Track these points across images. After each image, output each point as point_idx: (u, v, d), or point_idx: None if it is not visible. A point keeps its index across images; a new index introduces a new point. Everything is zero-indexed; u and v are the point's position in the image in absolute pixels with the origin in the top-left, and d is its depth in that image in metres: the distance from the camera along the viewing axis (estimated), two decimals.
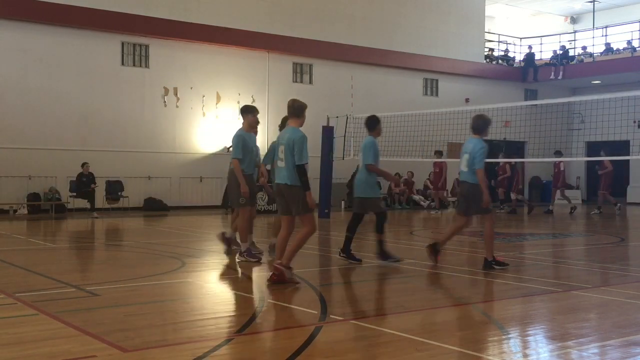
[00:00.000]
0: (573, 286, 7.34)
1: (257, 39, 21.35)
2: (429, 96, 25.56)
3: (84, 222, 15.98)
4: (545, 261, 9.54)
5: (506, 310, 6.15)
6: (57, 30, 18.67)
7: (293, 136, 7.17)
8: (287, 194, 7.21)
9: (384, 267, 9.02)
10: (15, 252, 10.35)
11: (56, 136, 18.62)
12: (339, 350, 4.63)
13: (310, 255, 10.56)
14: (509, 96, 26.65)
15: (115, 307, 6.03)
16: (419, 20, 25.17)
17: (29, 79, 18.36)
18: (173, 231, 13.91)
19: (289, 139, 7.19)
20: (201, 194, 20.90)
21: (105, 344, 4.66)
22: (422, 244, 12.02)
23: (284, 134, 7.41)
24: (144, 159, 19.91)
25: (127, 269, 8.69)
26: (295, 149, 7.09)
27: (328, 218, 17.18)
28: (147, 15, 19.70)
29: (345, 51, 23.09)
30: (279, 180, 7.34)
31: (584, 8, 29.31)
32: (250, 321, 5.47)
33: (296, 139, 7.14)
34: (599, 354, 4.68)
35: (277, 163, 7.43)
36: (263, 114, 21.96)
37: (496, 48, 28.94)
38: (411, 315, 5.90)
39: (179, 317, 5.78)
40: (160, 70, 20.25)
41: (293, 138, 7.16)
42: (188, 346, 4.71)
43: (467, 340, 4.91)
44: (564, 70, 26.65)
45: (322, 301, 6.33)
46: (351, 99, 22.59)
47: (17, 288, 6.83)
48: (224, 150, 21.15)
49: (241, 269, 8.48)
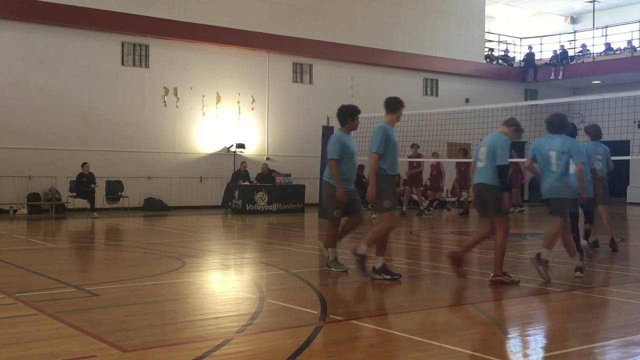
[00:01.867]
0: (573, 286, 7.34)
1: (257, 39, 21.35)
2: (429, 96, 25.55)
3: (84, 222, 15.98)
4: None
5: (506, 310, 6.16)
6: (57, 30, 18.67)
7: (496, 139, 7.42)
8: (485, 194, 7.41)
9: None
10: (15, 252, 10.35)
11: (56, 136, 18.62)
12: (339, 350, 4.63)
13: (310, 255, 10.57)
14: (509, 96, 26.64)
15: (115, 307, 6.03)
16: (419, 20, 25.17)
17: (29, 79, 18.35)
18: (173, 231, 13.91)
19: (492, 142, 7.43)
20: (201, 194, 20.90)
21: (105, 344, 4.66)
22: (422, 244, 12.04)
23: (486, 137, 7.69)
24: (144, 159, 19.91)
25: (127, 269, 8.69)
26: (498, 150, 7.31)
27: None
28: (146, 15, 19.69)
29: (345, 51, 23.09)
30: (477, 181, 7.56)
31: (584, 8, 29.31)
32: (250, 321, 5.47)
33: (500, 141, 7.38)
34: (599, 354, 4.68)
35: (477, 164, 7.64)
36: (263, 114, 22.09)
37: (496, 48, 28.94)
38: (411, 315, 5.90)
39: (179, 317, 5.78)
40: (160, 70, 20.25)
41: (496, 141, 7.40)
42: (188, 346, 4.71)
43: (467, 340, 4.91)
44: (564, 70, 26.63)
45: (322, 301, 6.33)
46: (351, 99, 22.56)
47: (17, 288, 6.83)
48: (224, 150, 21.16)
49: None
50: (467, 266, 8.96)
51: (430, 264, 9.07)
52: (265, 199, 19.03)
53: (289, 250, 10.76)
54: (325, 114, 18.26)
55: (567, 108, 25.44)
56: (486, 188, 7.41)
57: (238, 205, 18.81)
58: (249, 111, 21.76)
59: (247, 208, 18.70)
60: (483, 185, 7.45)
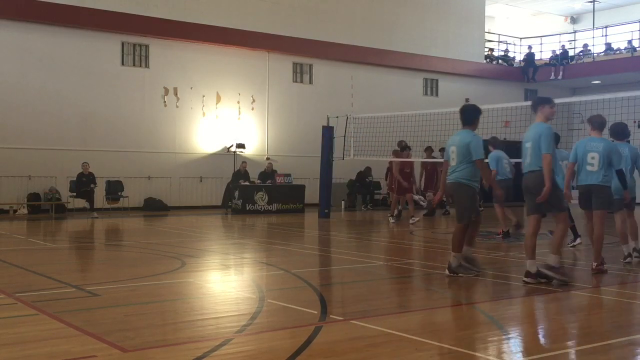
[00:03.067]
0: (573, 286, 7.34)
1: (257, 39, 21.35)
2: (429, 96, 25.56)
3: (84, 222, 15.98)
4: (544, 261, 9.52)
5: (506, 310, 6.15)
6: (57, 30, 18.67)
7: (609, 146, 7.83)
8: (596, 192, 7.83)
9: (384, 267, 9.03)
10: (15, 252, 10.35)
11: (56, 136, 18.62)
12: (339, 350, 4.63)
13: (310, 255, 10.57)
14: (509, 96, 26.61)
15: (115, 307, 6.03)
16: (419, 20, 25.17)
17: (29, 79, 18.36)
18: (173, 231, 13.91)
19: (607, 146, 7.80)
20: (201, 194, 20.90)
21: (105, 344, 4.66)
22: (422, 244, 12.03)
23: (589, 141, 7.96)
24: (144, 159, 19.91)
25: (127, 269, 8.69)
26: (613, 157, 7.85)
27: (328, 218, 17.18)
28: (146, 15, 19.70)
29: (345, 51, 23.09)
30: (586, 182, 7.90)
31: (584, 8, 29.30)
32: (250, 321, 5.47)
33: (613, 148, 7.89)
34: (599, 354, 4.68)
35: (587, 167, 7.90)
36: (263, 114, 22.09)
37: (496, 48, 28.93)
38: (411, 315, 5.90)
39: (179, 317, 5.78)
40: (160, 70, 20.25)
41: (610, 147, 7.81)
42: (188, 346, 4.71)
43: (467, 340, 4.90)
44: (564, 70, 26.63)
45: (322, 301, 6.33)
46: (351, 99, 22.60)
47: (17, 288, 6.83)
48: (224, 150, 21.16)
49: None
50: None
51: (430, 264, 9.07)
52: (265, 199, 19.03)
53: (289, 250, 10.76)
54: (325, 114, 18.28)
55: (567, 108, 25.45)
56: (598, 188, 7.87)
57: (238, 205, 18.81)
58: (249, 111, 21.76)
59: (247, 208, 18.70)
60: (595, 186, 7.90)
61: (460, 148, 7.65)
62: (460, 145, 7.67)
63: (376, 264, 9.28)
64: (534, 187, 7.16)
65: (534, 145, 7.16)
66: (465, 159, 7.64)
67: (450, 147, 7.83)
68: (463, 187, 7.68)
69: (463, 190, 7.69)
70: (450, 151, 7.82)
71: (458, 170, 7.70)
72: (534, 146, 7.17)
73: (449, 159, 7.87)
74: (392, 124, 17.98)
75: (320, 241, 12.62)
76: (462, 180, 7.66)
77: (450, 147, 7.83)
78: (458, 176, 7.68)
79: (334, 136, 17.84)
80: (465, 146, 7.62)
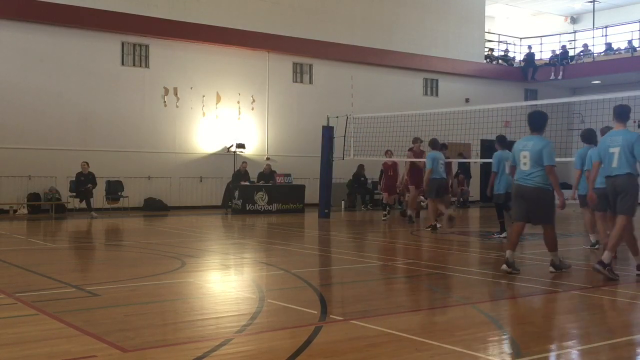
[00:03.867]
0: (573, 286, 7.34)
1: (257, 39, 21.35)
2: (429, 96, 25.56)
3: (84, 222, 15.98)
4: (545, 261, 9.53)
5: (506, 310, 6.15)
6: (57, 30, 18.67)
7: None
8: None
9: (384, 267, 9.03)
10: (15, 252, 10.35)
11: (56, 136, 18.62)
12: (339, 350, 4.63)
13: (310, 255, 10.57)
14: (509, 96, 26.63)
15: (115, 307, 6.03)
16: (419, 20, 25.17)
17: (29, 79, 18.35)
18: (173, 231, 13.91)
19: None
20: (201, 194, 20.90)
21: (105, 344, 4.67)
22: (422, 244, 12.03)
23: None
24: (144, 159, 19.91)
25: (127, 269, 8.69)
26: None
27: (328, 218, 17.18)
28: (147, 15, 19.70)
29: (345, 51, 23.09)
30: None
31: (584, 8, 29.31)
32: (250, 321, 5.47)
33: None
34: (599, 354, 4.68)
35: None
36: (263, 114, 22.09)
37: (496, 48, 28.93)
38: (411, 315, 5.90)
39: (179, 317, 5.78)
40: (160, 70, 20.25)
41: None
42: (188, 346, 4.71)
43: (467, 340, 4.90)
44: (564, 70, 26.63)
45: (322, 301, 6.33)
46: (351, 99, 22.59)
47: (17, 288, 6.83)
48: (224, 150, 21.16)
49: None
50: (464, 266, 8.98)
51: (430, 264, 9.07)
52: (265, 199, 19.03)
53: (289, 250, 10.76)
54: (325, 114, 18.28)
55: (567, 108, 25.44)
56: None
57: (238, 205, 18.81)
58: (249, 111, 21.76)
59: (247, 208, 18.71)
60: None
61: (534, 154, 7.92)
62: (533, 150, 7.93)
63: (376, 264, 9.28)
64: (626, 188, 7.72)
65: (625, 151, 7.68)
66: (538, 164, 7.91)
67: (520, 152, 8.07)
68: (546, 192, 7.97)
69: (547, 195, 8.00)
70: (521, 156, 8.05)
71: (536, 175, 7.95)
72: (625, 152, 7.68)
73: (517, 163, 8.14)
74: (392, 124, 17.99)
75: (320, 241, 12.62)
76: (543, 185, 7.94)
77: (520, 152, 8.06)
78: (539, 182, 7.95)
79: (334, 136, 17.84)
80: (539, 152, 7.90)
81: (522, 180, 8.02)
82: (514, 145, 8.35)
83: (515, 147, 8.21)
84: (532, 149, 7.91)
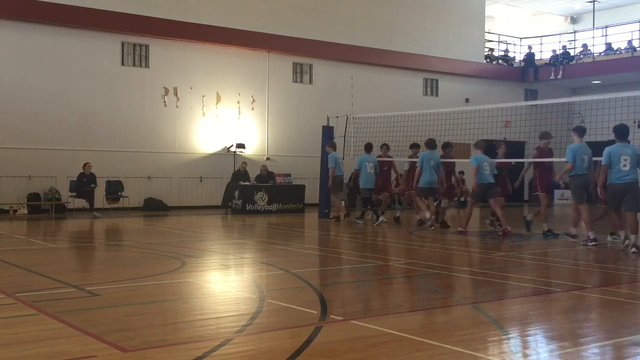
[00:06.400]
0: (573, 286, 7.34)
1: (257, 39, 21.35)
2: (429, 96, 25.56)
3: (84, 222, 15.98)
4: (545, 261, 9.54)
5: (506, 310, 6.15)
6: (57, 30, 18.67)
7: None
8: None
9: (384, 267, 9.03)
10: (15, 252, 10.35)
11: (56, 136, 18.62)
12: (339, 350, 4.63)
13: (310, 255, 10.58)
14: (509, 96, 26.64)
15: (115, 307, 6.03)
16: (419, 20, 25.18)
17: (29, 79, 18.35)
18: (173, 231, 13.91)
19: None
20: (201, 194, 20.91)
21: (105, 344, 4.66)
22: (422, 243, 12.02)
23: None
24: (144, 159, 19.91)
25: (127, 269, 8.69)
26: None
27: (328, 218, 17.17)
28: (147, 15, 19.70)
29: (345, 51, 23.09)
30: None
31: (584, 8, 29.31)
32: (250, 321, 5.47)
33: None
34: (599, 354, 4.68)
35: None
36: (263, 114, 22.09)
37: (496, 48, 28.94)
38: (411, 315, 5.90)
39: (179, 317, 5.78)
40: (160, 70, 20.25)
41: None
42: (188, 346, 4.71)
43: (467, 340, 4.90)
44: (564, 70, 26.63)
45: (322, 301, 6.33)
46: (351, 99, 22.60)
47: (17, 288, 6.83)
48: (224, 150, 21.16)
49: None
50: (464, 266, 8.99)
51: (430, 264, 9.07)
52: (265, 199, 19.03)
53: (289, 250, 10.76)
54: (325, 114, 18.27)
55: (567, 108, 25.44)
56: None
57: (238, 205, 18.81)
58: (249, 111, 21.76)
59: (247, 208, 18.71)
60: None
61: (634, 157, 10.22)
62: (633, 155, 10.22)
63: (376, 264, 9.28)
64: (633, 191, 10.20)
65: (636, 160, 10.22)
66: (636, 165, 10.25)
67: (622, 156, 10.19)
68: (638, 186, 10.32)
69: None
70: (622, 159, 10.20)
71: (633, 174, 10.26)
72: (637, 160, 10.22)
73: (617, 164, 10.22)
74: (392, 124, 17.98)
75: (320, 241, 12.62)
76: (636, 180, 10.32)
77: (621, 156, 10.17)
78: (634, 178, 10.26)
79: (334, 136, 17.84)
80: (638, 156, 10.26)
81: (621, 179, 10.20)
82: (611, 149, 10.28)
83: (612, 152, 10.22)
84: (632, 154, 10.15)
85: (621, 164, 10.13)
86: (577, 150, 11.19)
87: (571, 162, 11.10)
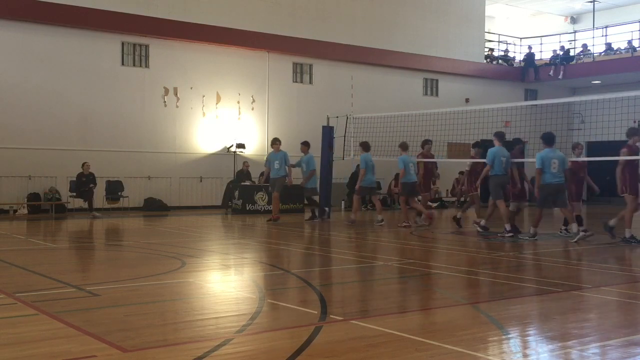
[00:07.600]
0: (573, 286, 7.34)
1: (257, 39, 21.35)
2: (429, 96, 25.56)
3: (84, 222, 15.98)
4: (545, 261, 9.54)
5: (506, 310, 6.15)
6: (57, 30, 18.67)
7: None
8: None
9: (384, 267, 9.03)
10: (15, 252, 10.35)
11: (56, 136, 18.62)
12: (339, 350, 4.62)
13: (310, 255, 10.57)
14: (509, 96, 26.65)
15: (115, 307, 6.03)
16: (419, 20, 25.18)
17: (29, 79, 18.36)
18: (173, 231, 13.91)
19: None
20: (201, 194, 20.91)
21: (105, 344, 4.66)
22: (422, 244, 12.02)
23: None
24: (144, 159, 19.91)
25: (127, 269, 8.69)
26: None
27: (328, 218, 17.16)
28: (147, 15, 19.70)
29: (345, 51, 23.09)
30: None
31: (584, 8, 29.31)
32: (250, 321, 5.47)
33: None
34: (599, 354, 4.68)
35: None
36: (263, 114, 22.09)
37: (496, 48, 28.94)
38: (411, 315, 5.90)
39: (179, 317, 5.78)
40: (160, 70, 20.25)
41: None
42: (188, 346, 4.71)
43: (467, 340, 4.90)
44: (564, 70, 26.64)
45: (322, 301, 6.33)
46: (351, 99, 22.58)
47: (17, 288, 6.83)
48: (224, 150, 21.16)
49: None
50: (463, 266, 8.98)
51: (430, 264, 9.07)
52: (265, 199, 19.02)
53: (289, 250, 10.76)
54: (325, 114, 18.27)
55: (567, 108, 25.45)
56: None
57: (238, 205, 18.81)
58: (249, 111, 21.76)
59: (247, 208, 18.71)
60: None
61: (562, 161, 11.32)
62: (560, 159, 11.32)
63: (376, 264, 9.28)
64: None
65: None
66: (562, 168, 11.44)
67: (552, 159, 11.34)
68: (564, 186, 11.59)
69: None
70: (552, 162, 11.34)
71: (562, 176, 11.46)
72: None
73: (549, 167, 11.35)
74: (392, 124, 17.99)
75: (320, 241, 12.62)
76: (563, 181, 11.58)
77: (552, 159, 11.33)
78: (563, 179, 11.54)
79: (334, 136, 17.84)
80: (565, 160, 11.44)
81: (557, 180, 11.35)
82: (542, 154, 11.23)
83: (545, 157, 10.95)
84: (559, 158, 10.98)
85: (552, 167, 11.45)
86: (496, 153, 12.54)
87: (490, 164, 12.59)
